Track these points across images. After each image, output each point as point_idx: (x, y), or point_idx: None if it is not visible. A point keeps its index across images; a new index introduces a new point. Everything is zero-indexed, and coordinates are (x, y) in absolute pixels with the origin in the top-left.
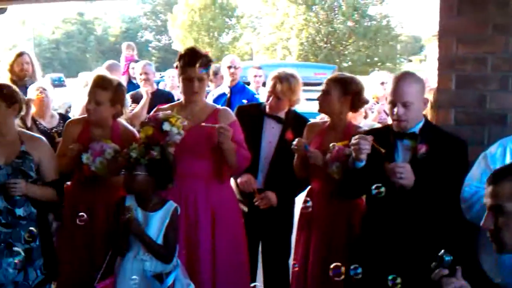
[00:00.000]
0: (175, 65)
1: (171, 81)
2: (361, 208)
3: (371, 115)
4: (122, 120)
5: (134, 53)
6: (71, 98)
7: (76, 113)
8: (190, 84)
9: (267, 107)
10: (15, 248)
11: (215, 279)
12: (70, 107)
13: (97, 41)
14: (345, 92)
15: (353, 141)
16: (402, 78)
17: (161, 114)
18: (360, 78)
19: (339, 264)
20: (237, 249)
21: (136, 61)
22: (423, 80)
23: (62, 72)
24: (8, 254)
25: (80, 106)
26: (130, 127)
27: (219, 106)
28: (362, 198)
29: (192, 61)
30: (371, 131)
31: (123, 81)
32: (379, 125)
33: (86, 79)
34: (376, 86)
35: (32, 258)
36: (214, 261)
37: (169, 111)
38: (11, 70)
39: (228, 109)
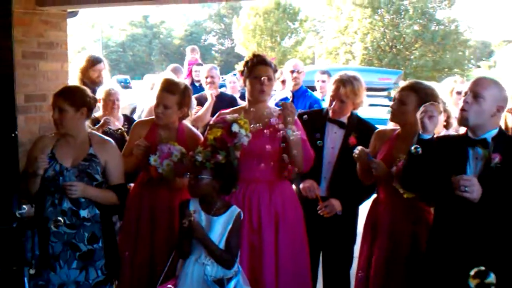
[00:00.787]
0: (239, 69)
1: (231, 87)
2: (428, 221)
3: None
4: (187, 122)
5: (198, 57)
6: (136, 100)
7: (142, 115)
8: (259, 83)
9: (330, 111)
10: None
11: (278, 284)
12: (135, 108)
13: (161, 44)
14: (422, 102)
15: (421, 108)
16: (483, 77)
17: (229, 116)
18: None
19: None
20: (299, 254)
21: (199, 65)
22: (504, 89)
23: (128, 74)
24: (72, 254)
25: (147, 108)
26: (195, 130)
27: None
28: (430, 211)
29: (262, 61)
30: (443, 138)
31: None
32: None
33: (151, 81)
34: (447, 93)
35: (94, 259)
36: (277, 267)
37: (236, 114)
38: (85, 74)
39: None
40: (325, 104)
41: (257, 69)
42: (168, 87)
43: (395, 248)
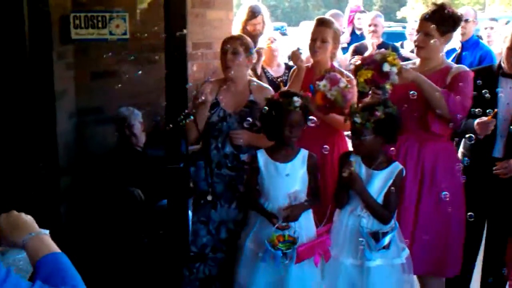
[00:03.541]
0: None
1: None
2: None
3: None
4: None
5: (360, 4)
6: (292, 47)
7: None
8: (423, 37)
9: (503, 65)
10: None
11: (413, 243)
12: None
13: None
14: None
15: None
16: None
17: (376, 55)
18: None
19: None
20: (445, 219)
21: (362, 12)
22: None
23: (284, 21)
24: (232, 195)
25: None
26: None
27: (453, 64)
28: None
29: (429, 16)
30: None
31: (347, 32)
32: None
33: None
34: None
35: None
36: (415, 227)
37: (383, 50)
38: (246, 26)
39: (462, 66)
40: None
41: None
42: (323, 21)
43: None
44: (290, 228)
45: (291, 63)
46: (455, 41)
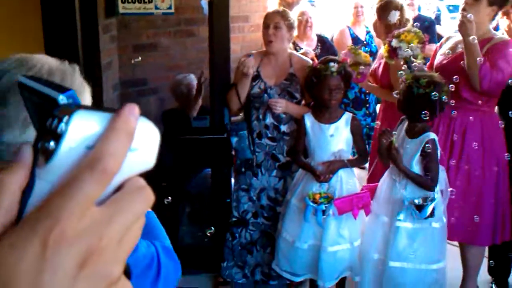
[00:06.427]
0: None
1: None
2: None
3: None
4: None
5: None
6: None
7: (335, 35)
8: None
9: None
10: None
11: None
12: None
13: None
14: None
15: None
16: None
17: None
18: None
19: None
20: (483, 189)
21: None
22: None
23: None
24: (272, 164)
25: (337, 30)
26: None
27: (497, 35)
28: None
29: None
30: None
31: None
32: None
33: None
34: None
35: (291, 169)
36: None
37: (403, 29)
38: None
39: (502, 37)
40: None
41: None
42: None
43: None
44: (327, 185)
45: (323, 34)
46: None
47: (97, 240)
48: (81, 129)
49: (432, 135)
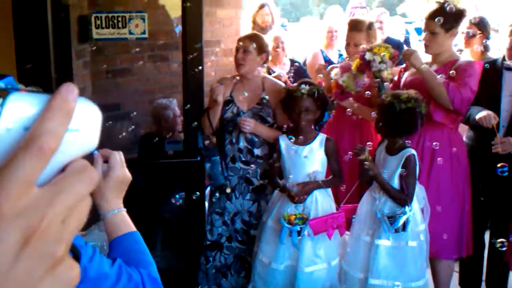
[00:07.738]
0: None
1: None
2: None
3: None
4: None
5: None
6: (292, 43)
7: (308, 58)
8: (429, 35)
9: (507, 57)
10: None
11: None
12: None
13: None
14: None
15: None
16: None
17: (367, 46)
18: None
19: None
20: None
21: (363, 8)
22: None
23: (285, 17)
24: (246, 187)
25: (310, 53)
26: None
27: (461, 57)
28: None
29: (432, 15)
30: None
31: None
32: None
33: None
34: None
35: (265, 193)
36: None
37: (375, 44)
38: (254, 21)
39: (468, 59)
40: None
41: (426, 23)
42: (355, 25)
43: None
44: (303, 206)
45: (295, 58)
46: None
47: (38, 220)
48: (17, 110)
49: (412, 151)
